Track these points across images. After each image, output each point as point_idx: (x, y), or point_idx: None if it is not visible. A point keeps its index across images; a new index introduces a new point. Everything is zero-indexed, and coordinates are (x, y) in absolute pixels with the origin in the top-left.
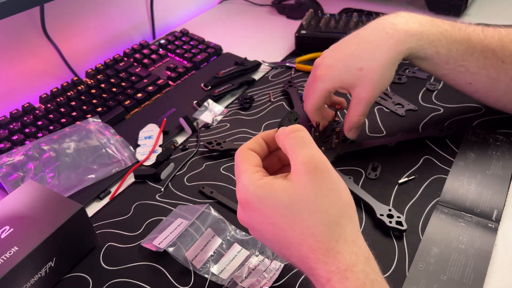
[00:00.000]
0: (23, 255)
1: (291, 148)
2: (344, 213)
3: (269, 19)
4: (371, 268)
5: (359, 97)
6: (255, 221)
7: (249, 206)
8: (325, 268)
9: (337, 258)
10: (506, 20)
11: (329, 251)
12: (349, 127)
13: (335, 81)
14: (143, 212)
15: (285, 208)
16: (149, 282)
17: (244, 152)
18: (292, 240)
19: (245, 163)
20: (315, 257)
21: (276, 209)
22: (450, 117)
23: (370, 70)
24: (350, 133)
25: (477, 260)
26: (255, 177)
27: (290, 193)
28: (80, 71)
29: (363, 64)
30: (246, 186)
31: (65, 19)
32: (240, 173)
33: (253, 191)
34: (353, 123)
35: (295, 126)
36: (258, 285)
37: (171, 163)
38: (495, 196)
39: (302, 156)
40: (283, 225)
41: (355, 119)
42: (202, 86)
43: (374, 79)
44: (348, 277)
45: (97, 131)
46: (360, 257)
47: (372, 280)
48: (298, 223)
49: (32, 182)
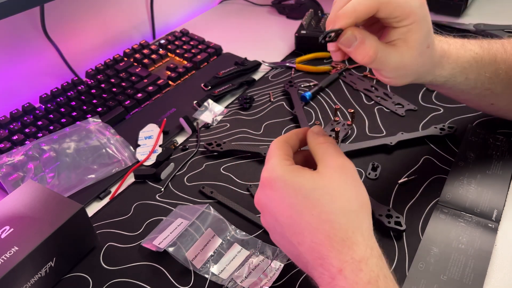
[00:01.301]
0: (23, 255)
1: (322, 153)
2: (363, 208)
3: (269, 19)
4: (384, 264)
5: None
6: (273, 201)
7: (271, 186)
8: (339, 257)
9: (352, 249)
10: (506, 20)
11: (345, 241)
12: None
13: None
14: (143, 212)
15: (308, 191)
16: (149, 282)
17: (280, 142)
18: (308, 225)
19: (279, 150)
20: (330, 245)
21: (298, 191)
22: (450, 117)
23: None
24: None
25: (477, 260)
26: (285, 162)
27: (316, 179)
28: (80, 71)
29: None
30: (275, 166)
31: (65, 19)
32: (271, 156)
33: (281, 172)
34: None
35: (328, 138)
36: (258, 285)
37: (171, 163)
38: (495, 196)
39: (332, 156)
40: (302, 207)
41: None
42: (202, 86)
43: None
44: (362, 269)
45: (97, 131)
46: (374, 251)
47: (385, 274)
48: (318, 206)
49: (32, 182)
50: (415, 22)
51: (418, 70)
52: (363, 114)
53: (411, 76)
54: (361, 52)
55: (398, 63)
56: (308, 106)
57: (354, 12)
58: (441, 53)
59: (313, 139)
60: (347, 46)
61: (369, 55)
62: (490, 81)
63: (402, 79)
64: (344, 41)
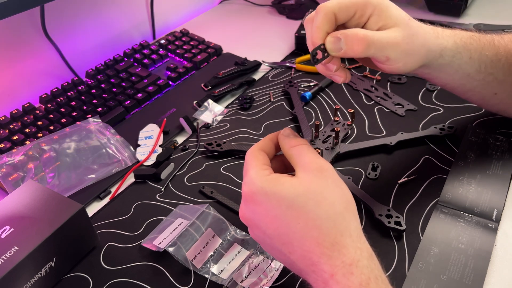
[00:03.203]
0: (23, 255)
1: (297, 155)
2: (348, 208)
3: (269, 19)
4: (374, 265)
5: (393, 34)
6: (258, 216)
7: (253, 200)
8: (330, 262)
9: (342, 253)
10: (506, 20)
11: (334, 245)
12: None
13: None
14: (143, 212)
15: (291, 200)
16: (149, 282)
17: (255, 151)
18: (296, 234)
19: (255, 161)
20: (320, 251)
21: (281, 201)
22: (450, 117)
23: (416, 29)
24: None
25: (477, 260)
26: (263, 172)
27: (296, 186)
28: (80, 71)
29: (411, 19)
30: (253, 179)
31: (65, 19)
32: (248, 169)
33: (260, 184)
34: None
35: (301, 140)
36: (258, 285)
37: (171, 163)
38: (495, 196)
39: (308, 159)
40: (287, 218)
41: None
42: (202, 86)
43: (415, 40)
44: (353, 272)
45: (97, 131)
46: (364, 253)
47: (376, 276)
48: (303, 214)
49: (32, 182)
50: (376, 7)
51: (417, 42)
52: (363, 114)
53: (416, 53)
54: (352, 42)
55: (392, 38)
56: (308, 106)
57: (319, 30)
58: (429, 26)
59: (284, 144)
60: (337, 50)
61: (360, 40)
62: (492, 64)
63: (410, 58)
64: (332, 48)
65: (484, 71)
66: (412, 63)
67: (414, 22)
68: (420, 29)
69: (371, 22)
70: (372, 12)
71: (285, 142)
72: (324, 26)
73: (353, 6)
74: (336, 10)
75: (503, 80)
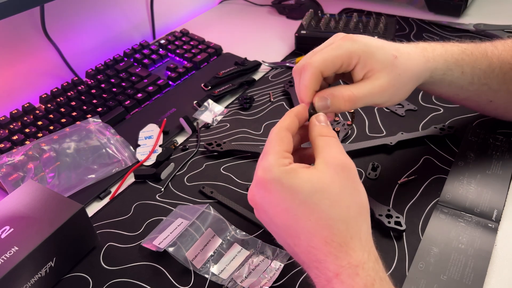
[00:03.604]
0: (23, 255)
1: (323, 146)
2: (362, 213)
3: (269, 19)
4: (380, 267)
5: (378, 82)
6: (268, 204)
7: (265, 187)
8: (336, 262)
9: (349, 254)
10: (506, 20)
11: (343, 246)
12: (329, 95)
13: (360, 50)
14: (143, 212)
15: (306, 196)
16: (149, 282)
17: (282, 132)
18: (304, 230)
19: (279, 145)
20: (327, 250)
21: (296, 195)
22: (450, 117)
23: (403, 66)
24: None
25: (477, 260)
26: (283, 161)
27: (314, 181)
28: (80, 71)
29: (399, 55)
30: (271, 166)
31: (65, 19)
32: (269, 152)
33: (277, 173)
34: (339, 97)
35: (332, 132)
36: (258, 285)
37: (171, 163)
38: (495, 196)
39: (333, 153)
40: (299, 212)
41: (346, 94)
42: (202, 86)
43: (402, 78)
44: (359, 273)
45: (97, 131)
46: (371, 256)
47: (381, 278)
48: (316, 212)
49: (32, 182)
50: (361, 56)
51: (408, 78)
52: (363, 114)
53: (404, 88)
54: (339, 102)
55: (377, 88)
56: None
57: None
58: (419, 49)
59: (315, 129)
60: (325, 109)
61: (346, 100)
62: (485, 75)
63: (399, 95)
64: (319, 107)
65: (478, 82)
66: (400, 97)
67: (401, 58)
68: (408, 62)
69: (357, 70)
70: (358, 61)
71: (316, 129)
72: (311, 85)
73: (339, 60)
74: (323, 68)
75: (498, 89)
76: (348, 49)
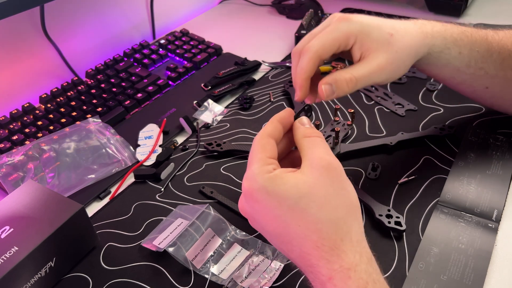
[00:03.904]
0: (23, 255)
1: (308, 147)
2: (351, 213)
3: (269, 19)
4: (373, 269)
5: (375, 61)
6: (258, 213)
7: (253, 197)
8: (328, 266)
9: (341, 257)
10: (506, 20)
11: (334, 250)
12: (332, 81)
13: (357, 30)
14: (143, 212)
15: (293, 202)
16: (149, 282)
17: (264, 139)
18: (295, 236)
19: (261, 152)
20: (318, 255)
21: (283, 202)
22: (450, 117)
23: (400, 43)
24: (324, 87)
25: (477, 260)
26: (267, 168)
27: (300, 186)
28: (80, 71)
29: (395, 32)
30: (255, 176)
31: (65, 19)
32: (252, 161)
33: (262, 182)
34: (342, 80)
35: (316, 132)
36: (258, 285)
37: (171, 163)
38: (495, 196)
39: (318, 154)
40: (288, 219)
41: (347, 77)
42: (202, 86)
43: (399, 55)
44: (351, 276)
45: (97, 131)
46: (363, 257)
47: (374, 280)
48: (305, 217)
49: (32, 182)
50: (357, 36)
51: (403, 55)
52: (363, 114)
53: (403, 64)
54: (342, 86)
55: (375, 67)
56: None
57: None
58: (418, 27)
59: (299, 132)
60: (331, 94)
61: (348, 82)
62: (483, 59)
63: (397, 72)
64: (327, 95)
65: (475, 66)
66: (400, 73)
67: (398, 35)
68: (405, 38)
69: (355, 49)
70: (355, 41)
71: (300, 131)
72: (308, 69)
73: (336, 43)
74: (321, 52)
75: (494, 75)
76: (345, 31)
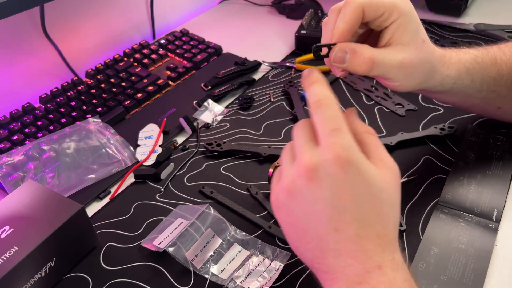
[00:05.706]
0: (23, 255)
1: (377, 146)
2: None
3: (269, 19)
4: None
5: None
6: (332, 184)
7: (342, 166)
8: (383, 255)
9: (394, 252)
10: (506, 20)
11: (392, 244)
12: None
13: (405, 10)
14: (143, 212)
15: (376, 191)
16: (149, 282)
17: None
18: (360, 218)
19: (346, 124)
20: (377, 242)
21: (368, 188)
22: (450, 117)
23: (426, 54)
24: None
25: (477, 260)
26: (357, 145)
27: (383, 181)
28: (80, 71)
29: (426, 41)
30: (352, 148)
31: (65, 19)
32: (342, 129)
33: (358, 157)
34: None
35: (370, 129)
36: (258, 285)
37: (171, 163)
38: (495, 196)
39: (387, 156)
40: (364, 203)
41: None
42: (202, 86)
43: (422, 64)
44: (399, 270)
45: (97, 131)
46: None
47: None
48: (378, 208)
49: (32, 182)
50: (401, 15)
51: (423, 67)
52: (363, 114)
53: (418, 76)
54: (356, 61)
55: (398, 61)
56: None
57: (346, 24)
58: (441, 52)
59: (363, 127)
60: (341, 63)
61: (365, 61)
62: (495, 82)
63: (410, 80)
64: (336, 59)
65: (487, 89)
66: (410, 86)
67: (428, 47)
68: (431, 56)
69: (389, 29)
70: (396, 19)
71: (363, 125)
72: (351, 22)
73: (382, 7)
74: (366, 7)
75: (506, 95)
76: (395, 2)
